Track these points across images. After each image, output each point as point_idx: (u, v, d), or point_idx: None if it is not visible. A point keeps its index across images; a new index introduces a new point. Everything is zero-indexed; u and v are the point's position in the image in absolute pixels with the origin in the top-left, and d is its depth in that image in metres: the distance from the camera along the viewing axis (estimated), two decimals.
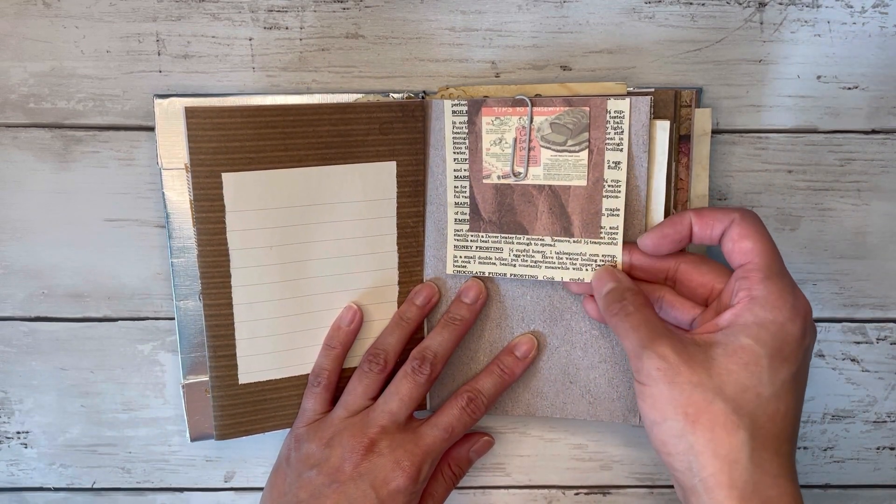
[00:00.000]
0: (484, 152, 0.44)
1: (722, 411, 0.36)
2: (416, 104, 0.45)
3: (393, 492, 0.42)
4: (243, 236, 0.44)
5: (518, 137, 0.44)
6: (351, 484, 0.43)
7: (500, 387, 0.47)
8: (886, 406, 0.52)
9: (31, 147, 0.46)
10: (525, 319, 0.47)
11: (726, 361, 0.37)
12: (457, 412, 0.45)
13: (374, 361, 0.46)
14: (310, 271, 0.46)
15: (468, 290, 0.47)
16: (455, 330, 0.46)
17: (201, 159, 0.42)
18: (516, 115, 0.43)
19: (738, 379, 0.37)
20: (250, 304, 0.45)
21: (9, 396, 0.50)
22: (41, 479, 0.52)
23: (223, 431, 0.47)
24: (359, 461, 0.43)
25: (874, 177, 0.48)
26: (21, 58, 0.45)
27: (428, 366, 0.45)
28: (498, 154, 0.44)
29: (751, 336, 0.37)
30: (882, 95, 0.47)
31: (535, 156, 0.44)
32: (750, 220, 0.40)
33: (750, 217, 0.40)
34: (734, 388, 0.36)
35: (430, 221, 0.47)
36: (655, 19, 0.46)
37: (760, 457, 0.36)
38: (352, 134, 0.44)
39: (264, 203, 0.44)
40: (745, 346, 0.37)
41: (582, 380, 0.47)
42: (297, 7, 0.45)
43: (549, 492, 0.53)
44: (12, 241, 0.48)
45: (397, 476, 0.43)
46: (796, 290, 0.39)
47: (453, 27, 0.46)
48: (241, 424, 0.47)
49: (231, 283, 0.44)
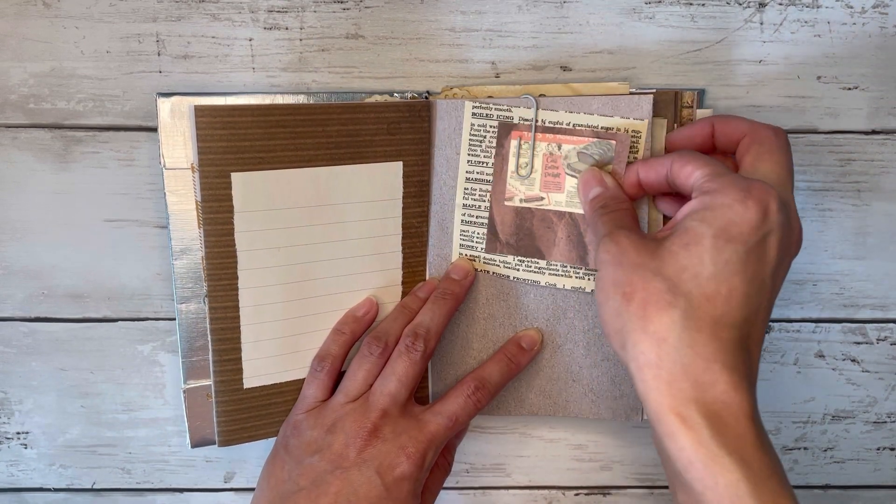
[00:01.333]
0: (509, 175, 0.45)
1: (656, 290, 0.35)
2: (422, 104, 0.45)
3: (398, 478, 0.42)
4: (251, 237, 0.43)
5: (545, 163, 0.44)
6: (355, 470, 0.42)
7: (507, 376, 0.46)
8: (887, 406, 0.52)
9: (30, 147, 0.46)
10: (528, 318, 0.47)
11: (670, 244, 0.36)
12: (462, 400, 0.44)
13: (375, 345, 0.45)
14: (316, 273, 0.45)
15: (457, 267, 0.46)
16: (445, 304, 0.45)
17: (210, 159, 0.41)
18: (545, 142, 0.44)
19: (677, 259, 0.36)
20: (256, 306, 0.44)
21: (8, 397, 0.50)
22: (41, 480, 0.52)
23: (226, 437, 0.46)
24: (363, 447, 0.42)
25: (874, 177, 0.48)
26: (21, 58, 0.45)
27: (421, 342, 0.44)
28: (522, 178, 0.45)
29: (696, 218, 0.36)
30: (882, 96, 0.47)
31: (560, 182, 0.44)
32: (691, 153, 0.40)
33: (691, 151, 0.40)
34: (673, 268, 0.35)
35: (433, 221, 0.47)
36: (656, 20, 0.46)
37: (692, 338, 0.34)
38: (360, 134, 0.44)
39: (273, 204, 0.43)
40: (689, 228, 0.36)
41: (585, 378, 0.47)
42: (297, 7, 0.45)
43: (549, 492, 0.53)
44: (12, 242, 0.48)
45: (402, 462, 0.42)
46: (756, 181, 0.37)
47: (453, 27, 0.46)
48: (244, 430, 0.46)
49: (238, 286, 0.44)
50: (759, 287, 0.36)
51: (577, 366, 0.47)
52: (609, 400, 0.47)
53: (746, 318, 0.35)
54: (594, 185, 0.43)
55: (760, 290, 0.36)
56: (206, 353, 0.46)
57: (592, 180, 0.43)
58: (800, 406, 0.52)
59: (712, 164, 0.38)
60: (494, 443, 0.52)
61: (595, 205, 0.42)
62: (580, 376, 0.47)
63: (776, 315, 0.50)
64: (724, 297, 0.35)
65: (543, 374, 0.48)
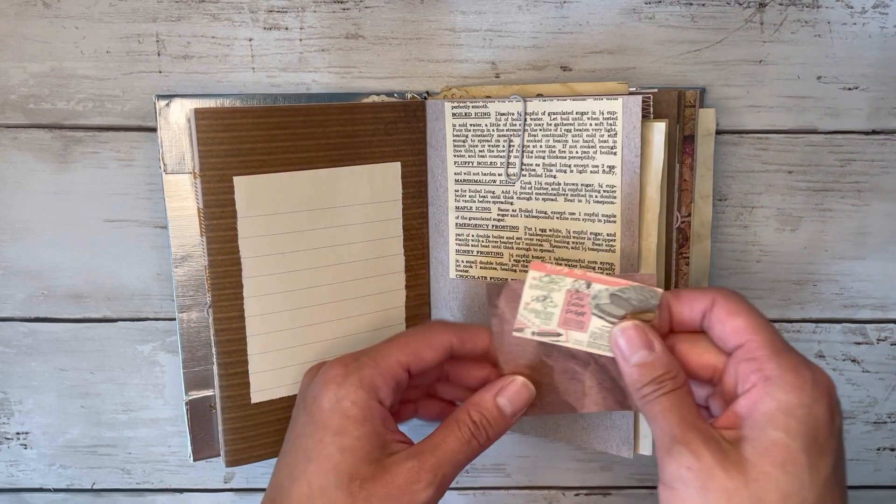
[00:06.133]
0: (523, 305, 0.39)
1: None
2: (417, 104, 0.45)
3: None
4: (255, 243, 0.42)
5: (569, 299, 0.39)
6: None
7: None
8: (887, 407, 0.52)
9: (30, 148, 0.46)
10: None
11: (761, 463, 0.32)
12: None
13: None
14: (321, 279, 0.44)
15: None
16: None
17: (212, 163, 0.41)
18: (571, 277, 0.39)
19: (777, 484, 0.32)
20: (263, 315, 0.43)
21: (8, 397, 0.50)
22: (41, 480, 0.52)
23: (234, 457, 0.44)
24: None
25: (874, 177, 0.48)
26: (21, 58, 0.45)
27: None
28: (538, 311, 0.39)
29: (779, 427, 0.32)
30: (882, 96, 0.47)
31: (584, 322, 0.39)
32: (735, 297, 0.36)
33: (733, 294, 0.36)
34: (775, 496, 0.32)
35: (430, 224, 0.47)
36: (656, 20, 0.46)
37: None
38: (359, 134, 0.44)
39: (276, 207, 0.43)
40: (777, 442, 0.32)
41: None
42: (296, 7, 0.45)
43: (549, 493, 0.53)
44: (12, 242, 0.48)
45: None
46: (812, 364, 0.34)
47: (453, 27, 0.46)
48: (253, 448, 0.44)
49: (243, 294, 0.42)
50: (846, 490, 0.34)
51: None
52: (600, 430, 0.45)
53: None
54: (641, 348, 0.36)
55: (846, 491, 0.34)
56: (208, 364, 0.45)
57: (638, 340, 0.37)
58: None
59: (765, 329, 0.35)
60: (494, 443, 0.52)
61: (644, 376, 0.36)
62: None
63: (776, 315, 0.50)
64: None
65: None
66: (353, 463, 0.36)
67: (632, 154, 0.42)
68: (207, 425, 0.46)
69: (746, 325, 0.35)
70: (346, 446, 0.36)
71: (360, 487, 0.36)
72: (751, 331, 0.35)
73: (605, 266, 0.43)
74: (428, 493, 0.36)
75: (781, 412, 0.33)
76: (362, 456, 0.36)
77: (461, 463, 0.38)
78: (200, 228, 0.42)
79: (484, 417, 0.39)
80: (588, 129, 0.42)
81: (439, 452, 0.37)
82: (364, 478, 0.36)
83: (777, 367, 0.34)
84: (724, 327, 0.36)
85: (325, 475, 0.36)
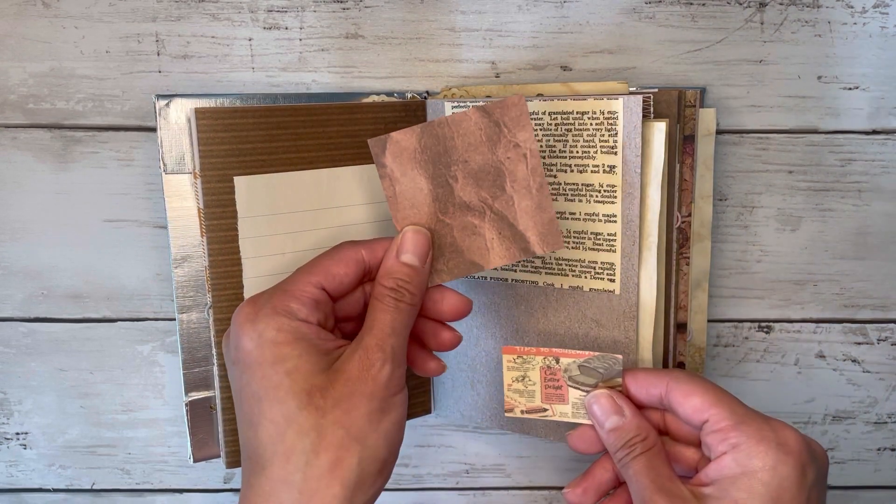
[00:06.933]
0: (506, 388, 0.44)
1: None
2: (417, 103, 0.45)
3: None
4: (256, 244, 0.42)
5: (544, 376, 0.43)
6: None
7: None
8: (887, 407, 0.51)
9: (30, 147, 0.46)
10: (519, 332, 0.46)
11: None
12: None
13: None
14: None
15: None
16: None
17: (212, 163, 0.41)
18: (540, 356, 0.42)
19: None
20: None
21: (8, 397, 0.50)
22: (40, 481, 0.52)
23: (235, 458, 0.44)
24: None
25: (875, 177, 0.48)
26: (20, 58, 0.45)
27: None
28: (520, 390, 0.43)
29: (742, 489, 0.35)
30: (883, 96, 0.47)
31: (563, 394, 0.43)
32: (686, 377, 0.39)
33: (685, 374, 0.39)
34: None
35: None
36: (656, 19, 0.46)
37: None
38: (359, 134, 0.44)
39: (276, 208, 0.43)
40: (739, 502, 0.35)
41: None
42: (296, 7, 0.45)
43: (549, 492, 0.53)
44: (12, 242, 0.48)
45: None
46: (779, 426, 0.36)
47: (453, 27, 0.46)
48: None
49: (244, 295, 0.42)
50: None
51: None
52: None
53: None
54: (612, 414, 0.40)
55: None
56: (208, 365, 0.45)
57: (609, 407, 0.40)
58: (800, 406, 0.52)
59: (723, 401, 0.37)
60: (494, 443, 0.52)
61: (618, 440, 0.39)
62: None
63: (776, 316, 0.50)
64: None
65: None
66: (305, 379, 0.35)
67: (632, 154, 0.42)
68: (207, 426, 0.46)
69: (703, 402, 0.37)
70: (290, 369, 0.35)
71: (323, 397, 0.35)
72: (709, 405, 0.37)
73: (606, 266, 0.43)
74: (386, 369, 0.36)
75: (745, 475, 0.35)
76: (310, 369, 0.35)
77: (401, 331, 0.37)
78: (201, 229, 0.42)
79: (396, 280, 0.38)
80: (588, 129, 0.42)
81: (376, 331, 0.37)
82: (322, 387, 0.35)
83: (741, 434, 0.36)
84: (685, 408, 0.38)
85: (283, 404, 0.34)
